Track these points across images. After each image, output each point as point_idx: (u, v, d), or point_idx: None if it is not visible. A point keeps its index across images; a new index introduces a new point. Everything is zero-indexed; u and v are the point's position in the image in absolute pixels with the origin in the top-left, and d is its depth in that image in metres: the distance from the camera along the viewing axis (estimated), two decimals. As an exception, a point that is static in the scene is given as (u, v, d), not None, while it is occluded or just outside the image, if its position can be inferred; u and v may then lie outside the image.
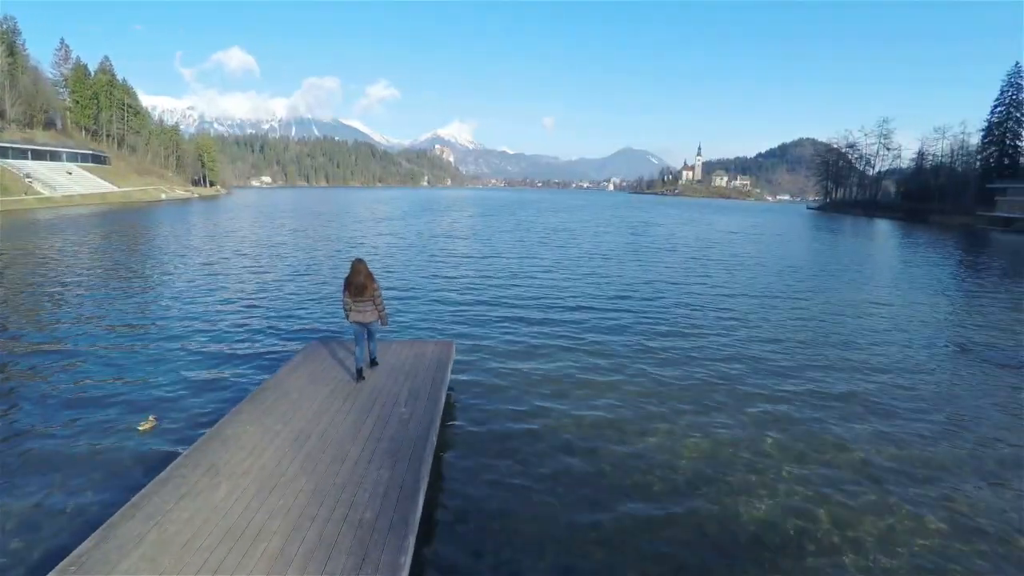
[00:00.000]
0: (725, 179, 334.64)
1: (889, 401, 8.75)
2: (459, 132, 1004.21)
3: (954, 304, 17.60)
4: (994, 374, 10.37)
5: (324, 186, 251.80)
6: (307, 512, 4.39)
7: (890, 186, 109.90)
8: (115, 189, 72.05)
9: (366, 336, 7.70)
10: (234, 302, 14.48)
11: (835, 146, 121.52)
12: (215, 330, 11.73)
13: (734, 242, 37.16)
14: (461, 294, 16.08)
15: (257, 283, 17.23)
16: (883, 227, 65.15)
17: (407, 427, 5.99)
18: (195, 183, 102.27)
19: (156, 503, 4.48)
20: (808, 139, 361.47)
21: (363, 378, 7.50)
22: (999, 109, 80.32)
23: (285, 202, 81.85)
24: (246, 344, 10.83)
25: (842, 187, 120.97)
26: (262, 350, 10.49)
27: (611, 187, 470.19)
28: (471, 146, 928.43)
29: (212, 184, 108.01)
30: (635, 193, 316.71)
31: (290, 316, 13.12)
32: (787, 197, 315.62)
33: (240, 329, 11.87)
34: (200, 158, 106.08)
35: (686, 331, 12.70)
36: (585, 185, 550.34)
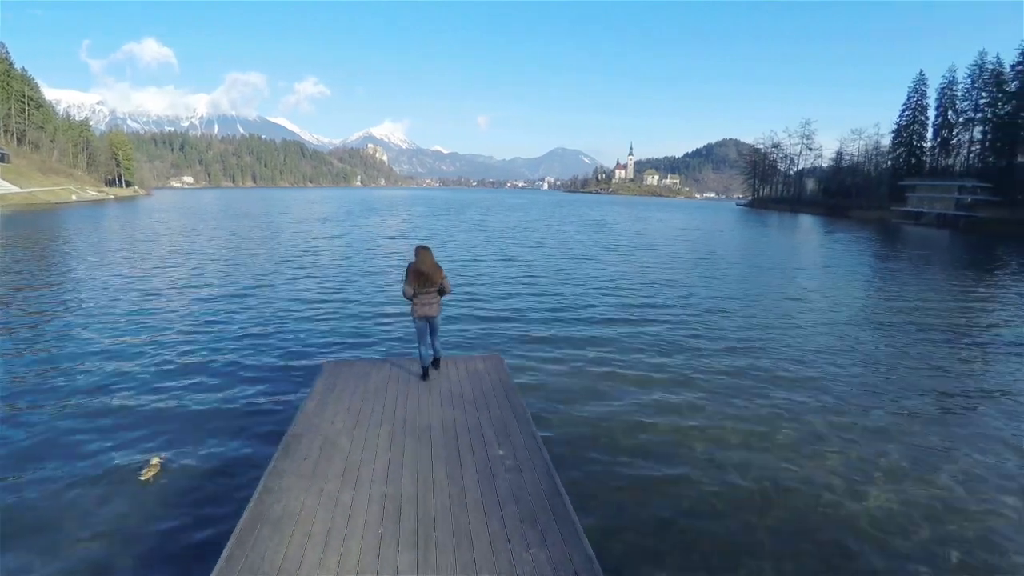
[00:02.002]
0: (656, 178, 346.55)
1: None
2: (392, 131, 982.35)
3: (886, 287, 20.12)
4: (905, 337, 12.51)
5: (251, 186, 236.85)
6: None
7: (811, 183, 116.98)
8: (16, 190, 63.73)
9: (428, 331, 6.84)
10: (212, 318, 12.24)
11: (761, 146, 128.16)
12: (195, 349, 9.65)
13: (703, 240, 37.61)
14: (462, 304, 14.36)
15: (223, 297, 14.90)
16: (810, 222, 69.02)
17: (522, 477, 4.57)
18: (109, 183, 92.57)
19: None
20: (731, 140, 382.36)
21: (427, 378, 6.88)
22: (906, 113, 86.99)
23: (214, 204, 75.60)
24: (234, 365, 8.91)
25: (768, 184, 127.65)
26: (257, 371, 8.63)
27: (546, 186, 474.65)
28: (404, 145, 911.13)
29: (129, 184, 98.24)
30: (570, 192, 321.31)
31: (278, 330, 11.15)
32: (713, 195, 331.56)
33: (224, 348, 9.84)
34: (115, 156, 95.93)
35: (719, 338, 11.93)
36: (520, 184, 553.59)
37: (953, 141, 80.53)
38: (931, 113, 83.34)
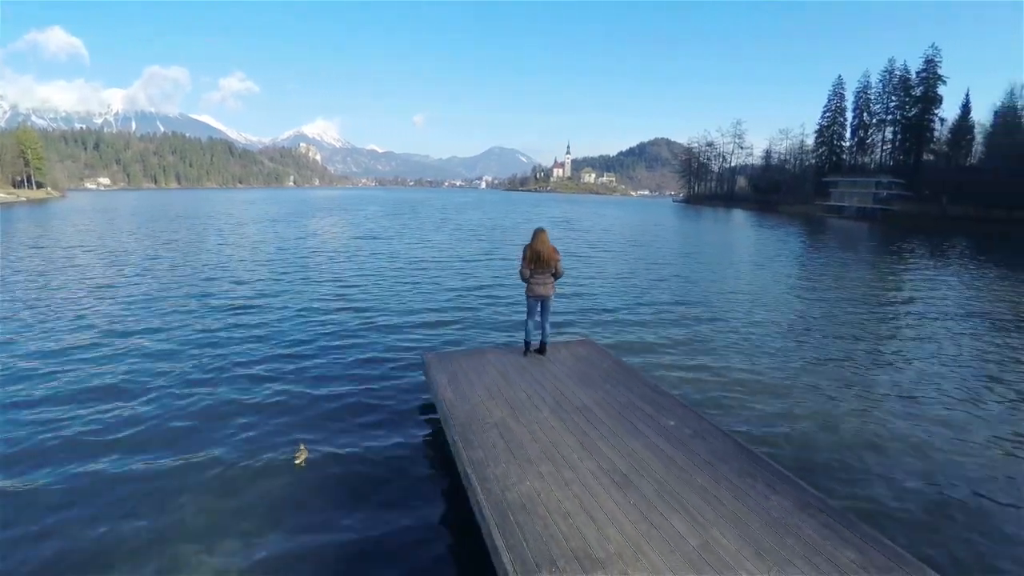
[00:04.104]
0: (593, 176, 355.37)
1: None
2: (325, 130, 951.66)
3: (811, 270, 22.71)
4: (828, 308, 14.54)
5: (176, 188, 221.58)
6: None
7: (742, 180, 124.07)
8: (-96, 194, 56.98)
9: (539, 310, 7.35)
10: (249, 324, 11.78)
11: (695, 146, 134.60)
12: (276, 346, 9.35)
13: (673, 235, 39.40)
14: (491, 305, 14.06)
15: (246, 303, 14.29)
16: (746, 216, 73.37)
17: (709, 443, 4.97)
18: (17, 184, 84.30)
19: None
20: (663, 139, 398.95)
21: (528, 353, 7.40)
22: (827, 115, 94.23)
23: (146, 205, 70.13)
24: (323, 360, 8.88)
25: (702, 181, 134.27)
26: (344, 367, 8.56)
27: (483, 185, 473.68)
28: (338, 144, 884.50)
29: (40, 186, 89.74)
30: (510, 191, 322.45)
31: (311, 331, 10.95)
32: (647, 192, 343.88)
33: (299, 344, 9.60)
34: (23, 155, 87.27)
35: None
36: (458, 183, 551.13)
37: (868, 141, 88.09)
38: (849, 115, 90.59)
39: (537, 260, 7.06)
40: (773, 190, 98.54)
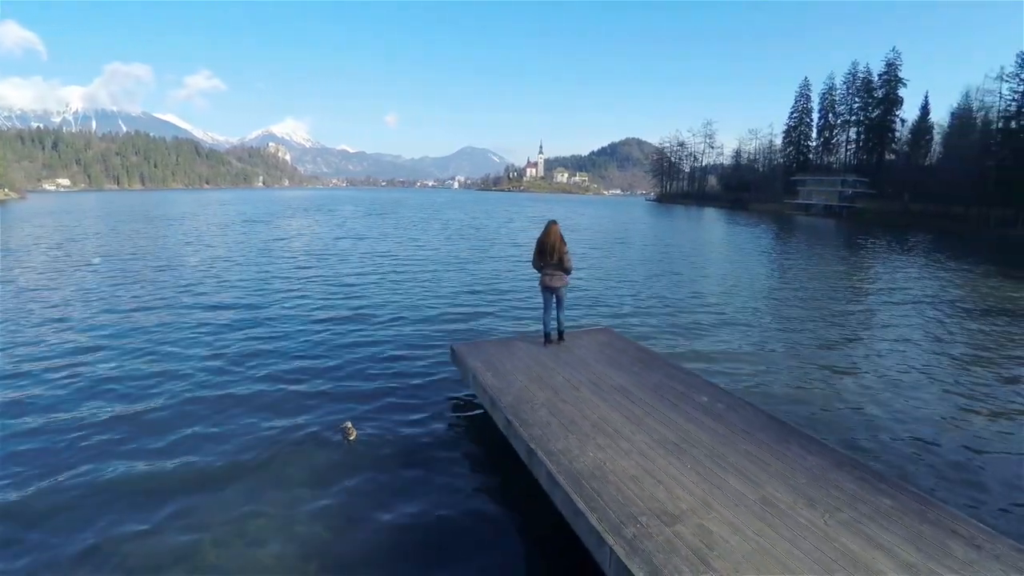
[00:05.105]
0: (566, 175, 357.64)
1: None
2: (295, 129, 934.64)
3: (781, 263, 23.79)
4: (791, 300, 15.62)
5: (140, 189, 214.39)
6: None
7: (713, 179, 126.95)
8: None
9: (554, 303, 7.61)
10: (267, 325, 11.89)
11: (667, 145, 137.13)
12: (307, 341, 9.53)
13: (657, 233, 40.31)
14: (499, 305, 14.64)
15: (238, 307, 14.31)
16: (719, 214, 75.30)
17: (742, 415, 5.46)
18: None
19: None
20: (634, 139, 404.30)
21: (551, 342, 7.68)
22: (794, 115, 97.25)
23: (115, 207, 67.55)
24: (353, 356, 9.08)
25: (674, 181, 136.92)
26: (367, 362, 8.82)
27: (456, 185, 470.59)
28: (308, 144, 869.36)
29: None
30: (483, 191, 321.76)
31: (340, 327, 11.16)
32: (619, 191, 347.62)
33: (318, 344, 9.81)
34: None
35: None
36: (431, 183, 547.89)
37: (834, 141, 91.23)
38: (815, 116, 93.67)
39: (543, 251, 7.37)
40: (743, 189, 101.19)
